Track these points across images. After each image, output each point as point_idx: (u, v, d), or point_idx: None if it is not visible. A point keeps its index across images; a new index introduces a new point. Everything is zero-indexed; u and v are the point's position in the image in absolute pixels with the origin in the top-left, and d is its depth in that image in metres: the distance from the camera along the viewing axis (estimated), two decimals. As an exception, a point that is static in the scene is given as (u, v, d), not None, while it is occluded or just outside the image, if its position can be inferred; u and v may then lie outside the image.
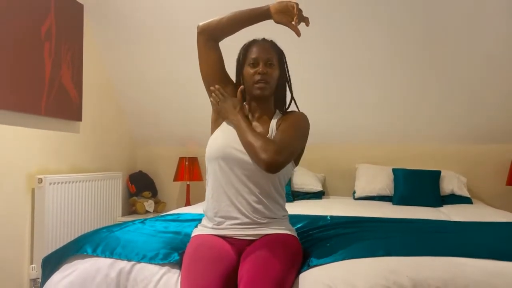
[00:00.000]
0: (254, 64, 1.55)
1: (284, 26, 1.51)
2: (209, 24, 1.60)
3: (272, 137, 1.53)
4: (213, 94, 1.60)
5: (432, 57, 3.24)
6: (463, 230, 1.93)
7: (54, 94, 2.99)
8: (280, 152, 1.39)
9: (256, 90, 1.55)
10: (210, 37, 1.61)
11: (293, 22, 1.46)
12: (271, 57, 1.56)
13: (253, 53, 1.56)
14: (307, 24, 1.50)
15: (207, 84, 1.65)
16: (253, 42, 1.60)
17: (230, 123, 1.56)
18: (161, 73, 3.71)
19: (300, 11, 1.46)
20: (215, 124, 1.64)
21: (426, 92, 3.44)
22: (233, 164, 1.50)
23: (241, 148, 1.50)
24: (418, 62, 3.29)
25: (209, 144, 1.58)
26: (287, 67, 1.64)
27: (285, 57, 1.63)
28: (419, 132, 3.68)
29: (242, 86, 1.60)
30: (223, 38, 1.64)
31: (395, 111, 3.60)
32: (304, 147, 1.61)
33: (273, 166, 1.38)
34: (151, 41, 3.53)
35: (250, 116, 1.61)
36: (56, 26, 3.01)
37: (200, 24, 1.62)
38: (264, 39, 1.62)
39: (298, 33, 1.49)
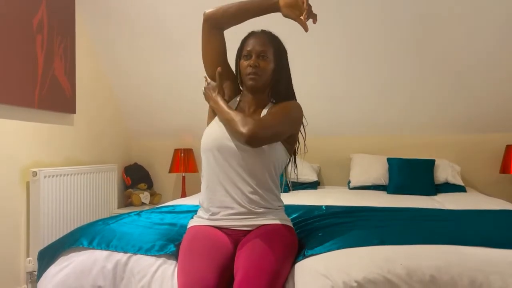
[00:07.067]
0: (248, 56, 1.56)
1: (291, 20, 1.48)
2: (215, 12, 1.57)
3: None
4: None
5: (425, 47, 3.24)
6: (457, 218, 1.95)
7: (47, 87, 2.97)
8: (260, 126, 1.40)
9: (248, 82, 1.56)
10: (215, 25, 1.59)
11: (302, 17, 1.43)
12: (265, 50, 1.54)
13: (248, 45, 1.56)
14: (315, 21, 1.48)
15: (207, 72, 1.65)
16: (251, 34, 1.60)
17: (213, 107, 1.58)
18: (155, 65, 3.69)
19: (309, 6, 1.44)
20: (212, 115, 1.64)
21: (420, 82, 3.44)
22: (228, 155, 1.50)
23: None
24: (411, 53, 3.29)
25: (204, 135, 1.58)
26: (286, 60, 1.62)
27: (284, 50, 1.61)
28: (414, 121, 3.68)
29: (219, 68, 1.59)
30: (228, 27, 1.61)
31: (390, 101, 3.60)
32: (296, 135, 1.60)
33: (252, 138, 1.38)
34: (144, 33, 3.49)
35: (246, 109, 1.60)
36: (47, 18, 2.97)
37: (207, 11, 1.58)
38: (262, 31, 1.60)
39: (306, 28, 1.45)
